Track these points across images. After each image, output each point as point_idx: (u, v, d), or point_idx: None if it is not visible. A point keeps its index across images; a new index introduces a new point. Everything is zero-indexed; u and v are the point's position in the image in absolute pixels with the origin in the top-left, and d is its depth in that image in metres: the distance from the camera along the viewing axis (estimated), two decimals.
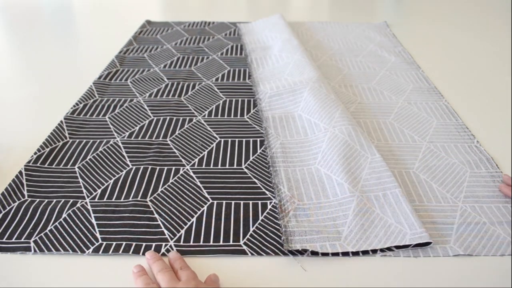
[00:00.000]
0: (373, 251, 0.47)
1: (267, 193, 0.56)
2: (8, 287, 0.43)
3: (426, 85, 0.86)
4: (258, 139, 0.68)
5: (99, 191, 0.56)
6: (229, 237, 0.49)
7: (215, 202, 0.54)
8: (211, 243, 0.48)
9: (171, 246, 0.48)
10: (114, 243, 0.48)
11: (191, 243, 0.48)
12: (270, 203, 0.54)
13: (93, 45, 1.10)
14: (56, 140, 0.66)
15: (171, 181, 0.58)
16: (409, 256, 0.47)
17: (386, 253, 0.47)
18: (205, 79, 0.89)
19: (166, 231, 0.50)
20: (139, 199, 0.54)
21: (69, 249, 0.47)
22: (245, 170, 0.61)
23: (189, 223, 0.51)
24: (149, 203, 0.54)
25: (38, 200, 0.54)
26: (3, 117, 0.75)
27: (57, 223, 0.50)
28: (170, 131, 0.70)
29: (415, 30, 1.20)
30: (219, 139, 0.68)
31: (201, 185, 0.57)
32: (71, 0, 1.50)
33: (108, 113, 0.75)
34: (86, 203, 0.54)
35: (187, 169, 0.60)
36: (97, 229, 0.50)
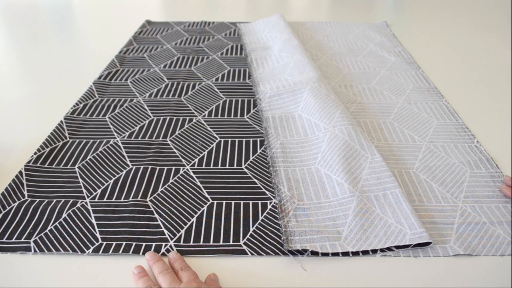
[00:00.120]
0: (373, 251, 0.47)
1: (267, 193, 0.56)
2: (8, 287, 0.43)
3: (426, 85, 0.86)
4: (258, 139, 0.68)
5: (99, 191, 0.56)
6: (229, 237, 0.49)
7: (215, 202, 0.54)
8: (211, 243, 0.48)
9: (171, 246, 0.48)
10: (114, 243, 0.48)
11: (191, 243, 0.48)
12: (270, 203, 0.54)
13: (93, 45, 1.10)
14: (56, 140, 0.66)
15: (171, 181, 0.58)
16: (409, 256, 0.47)
17: (386, 253, 0.47)
18: (205, 79, 0.89)
19: (166, 231, 0.50)
20: (139, 199, 0.54)
21: (69, 249, 0.47)
22: (245, 170, 0.61)
23: (189, 223, 0.51)
24: (149, 203, 0.54)
25: (38, 200, 0.54)
26: (3, 117, 0.75)
27: (57, 223, 0.50)
28: (170, 131, 0.70)
29: (415, 30, 1.20)
30: (219, 139, 0.68)
31: (201, 185, 0.57)
32: (71, 0, 1.50)
33: (108, 113, 0.75)
34: (86, 203, 0.54)
35: (187, 169, 0.60)
36: (97, 229, 0.50)
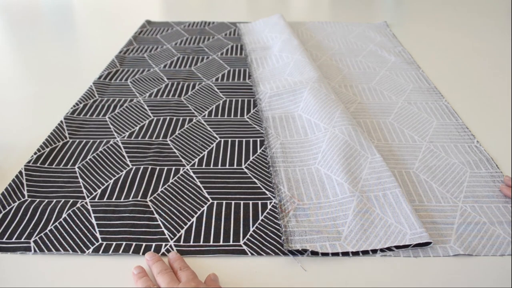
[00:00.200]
0: (373, 251, 0.47)
1: (267, 193, 0.56)
2: (8, 287, 0.43)
3: (426, 85, 0.86)
4: (258, 139, 0.68)
5: (99, 191, 0.56)
6: (229, 237, 0.49)
7: (215, 202, 0.54)
8: (211, 243, 0.48)
9: (171, 246, 0.48)
10: (114, 243, 0.48)
11: (191, 243, 0.48)
12: (270, 203, 0.54)
13: (93, 45, 1.10)
14: (56, 140, 0.66)
15: (171, 181, 0.58)
16: (409, 256, 0.47)
17: (386, 253, 0.47)
18: (205, 79, 0.89)
19: (166, 231, 0.50)
20: (139, 199, 0.54)
21: (69, 249, 0.47)
22: (245, 170, 0.61)
23: (189, 223, 0.51)
24: (149, 203, 0.54)
25: (38, 200, 0.54)
26: (3, 117, 0.75)
27: (57, 223, 0.50)
28: (170, 131, 0.70)
29: (415, 30, 1.20)
30: (219, 139, 0.68)
31: (201, 185, 0.57)
32: (71, 0, 1.50)
33: (108, 113, 0.75)
34: (86, 203, 0.54)
35: (187, 169, 0.60)
36: (97, 229, 0.50)
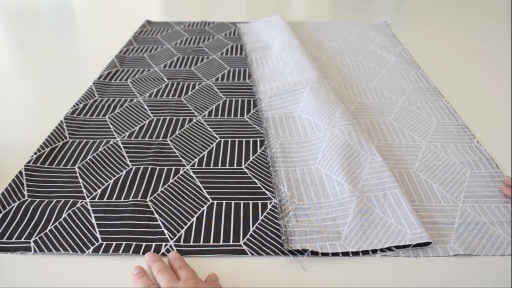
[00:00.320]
0: (373, 251, 0.47)
1: (267, 193, 0.56)
2: (8, 287, 0.43)
3: (426, 85, 0.86)
4: (258, 139, 0.68)
5: (99, 191, 0.56)
6: (229, 237, 0.49)
7: (215, 202, 0.54)
8: (211, 243, 0.48)
9: (171, 246, 0.48)
10: (114, 243, 0.48)
11: (191, 243, 0.48)
12: (270, 203, 0.54)
13: (93, 45, 1.10)
14: (56, 140, 0.66)
15: (171, 181, 0.58)
16: (409, 256, 0.47)
17: (386, 253, 0.47)
18: (205, 79, 0.89)
19: (166, 231, 0.50)
20: (139, 199, 0.54)
21: (69, 249, 0.47)
22: (245, 170, 0.61)
23: (189, 223, 0.51)
24: (149, 203, 0.54)
25: (38, 200, 0.54)
26: (3, 117, 0.75)
27: (57, 223, 0.50)
28: (170, 131, 0.70)
29: (415, 30, 1.20)
30: (219, 139, 0.68)
31: (201, 185, 0.57)
32: (71, 0, 1.50)
33: (108, 113, 0.75)
34: (86, 203, 0.54)
35: (187, 169, 0.60)
36: (97, 229, 0.50)
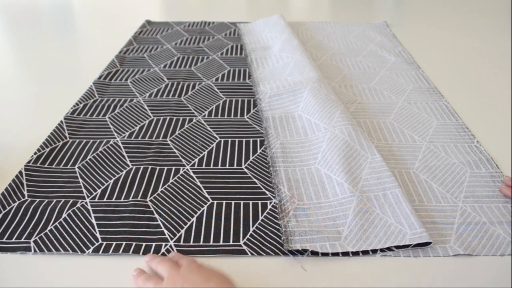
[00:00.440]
0: (373, 251, 0.47)
1: (267, 193, 0.56)
2: (8, 287, 0.43)
3: (426, 85, 0.86)
4: (258, 139, 0.68)
5: (99, 191, 0.56)
6: (229, 237, 0.49)
7: (215, 202, 0.54)
8: (211, 243, 0.48)
9: (171, 246, 0.48)
10: (114, 243, 0.48)
11: (191, 243, 0.48)
12: (270, 203, 0.54)
13: (93, 45, 1.10)
14: (56, 140, 0.66)
15: (171, 181, 0.58)
16: (409, 256, 0.47)
17: (386, 253, 0.47)
18: (205, 79, 0.89)
19: (166, 231, 0.50)
20: (139, 199, 0.54)
21: (69, 249, 0.47)
22: (245, 170, 0.61)
23: (189, 223, 0.51)
24: (149, 203, 0.54)
25: (38, 200, 0.54)
26: (3, 117, 0.75)
27: (57, 223, 0.50)
28: (170, 131, 0.70)
29: (415, 30, 1.20)
30: (219, 139, 0.68)
31: (201, 185, 0.57)
32: (71, 0, 1.50)
33: (108, 113, 0.75)
34: (86, 203, 0.54)
35: (187, 169, 0.60)
36: (97, 229, 0.50)
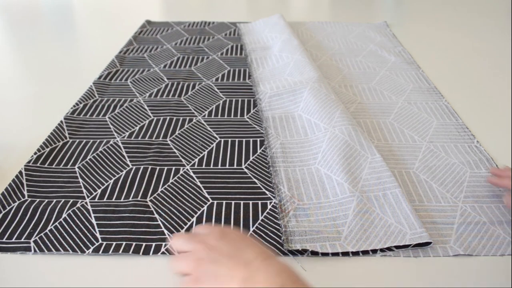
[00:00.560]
0: (373, 251, 0.47)
1: (267, 193, 0.56)
2: (8, 287, 0.43)
3: (426, 85, 0.86)
4: (258, 139, 0.68)
5: (99, 191, 0.56)
6: None
7: (215, 202, 0.54)
8: None
9: (171, 246, 0.48)
10: (114, 243, 0.48)
11: None
12: (270, 203, 0.54)
13: (93, 45, 1.10)
14: (56, 140, 0.66)
15: (171, 181, 0.58)
16: (409, 256, 0.47)
17: (386, 253, 0.47)
18: (205, 79, 0.89)
19: (166, 231, 0.50)
20: (139, 199, 0.54)
21: (69, 249, 0.47)
22: (245, 170, 0.61)
23: (189, 223, 0.51)
24: (149, 203, 0.54)
25: (38, 200, 0.54)
26: (3, 117, 0.75)
27: (57, 223, 0.50)
28: (170, 131, 0.70)
29: (415, 30, 1.20)
30: (219, 139, 0.68)
31: (201, 185, 0.57)
32: (71, 0, 1.50)
33: (108, 113, 0.75)
34: (86, 203, 0.54)
35: (187, 169, 0.60)
36: (97, 229, 0.50)
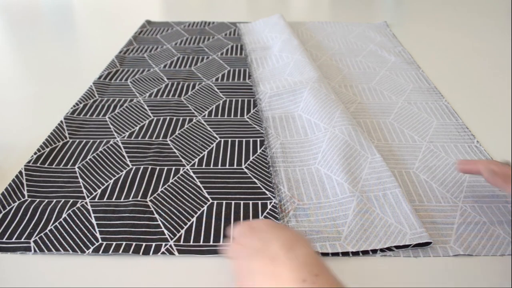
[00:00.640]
0: (373, 251, 0.47)
1: (267, 193, 0.56)
2: (8, 287, 0.43)
3: (426, 85, 0.86)
4: (258, 139, 0.68)
5: (99, 191, 0.56)
6: (229, 237, 0.49)
7: (215, 202, 0.54)
8: (211, 243, 0.48)
9: (171, 246, 0.48)
10: (114, 243, 0.48)
11: (191, 243, 0.48)
12: (270, 203, 0.54)
13: (93, 45, 1.10)
14: (56, 140, 0.66)
15: (171, 181, 0.58)
16: (409, 256, 0.47)
17: (386, 253, 0.47)
18: (205, 79, 0.89)
19: (166, 231, 0.50)
20: (139, 199, 0.54)
21: (69, 249, 0.47)
22: (245, 170, 0.61)
23: (189, 223, 0.51)
24: (149, 203, 0.54)
25: (38, 200, 0.54)
26: (3, 117, 0.75)
27: (57, 223, 0.50)
28: (170, 131, 0.70)
29: (415, 30, 1.20)
30: (219, 139, 0.68)
31: (201, 185, 0.57)
32: (71, 0, 1.50)
33: (108, 113, 0.75)
34: (86, 203, 0.54)
35: (187, 169, 0.60)
36: (97, 229, 0.50)
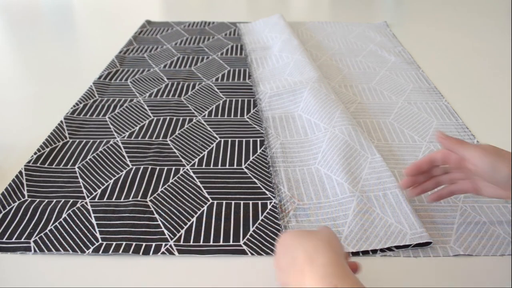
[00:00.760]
0: (373, 251, 0.47)
1: (267, 193, 0.56)
2: (8, 287, 0.43)
3: (426, 85, 0.86)
4: (258, 139, 0.68)
5: (99, 191, 0.56)
6: (229, 237, 0.49)
7: (215, 202, 0.54)
8: (211, 243, 0.48)
9: (171, 246, 0.48)
10: (114, 243, 0.48)
11: (191, 243, 0.48)
12: (270, 203, 0.54)
13: (93, 45, 1.10)
14: (56, 140, 0.66)
15: (171, 181, 0.58)
16: (409, 256, 0.47)
17: (386, 253, 0.47)
18: (205, 79, 0.89)
19: (166, 231, 0.50)
20: (139, 199, 0.54)
21: (69, 249, 0.47)
22: (245, 170, 0.61)
23: (189, 223, 0.51)
24: (149, 203, 0.54)
25: (38, 200, 0.54)
26: (3, 117, 0.75)
27: (57, 223, 0.50)
28: (170, 131, 0.70)
29: (415, 30, 1.20)
30: (219, 139, 0.68)
31: (201, 185, 0.57)
32: (71, 0, 1.50)
33: (108, 113, 0.75)
34: (86, 203, 0.54)
35: (187, 169, 0.60)
36: (97, 229, 0.50)
